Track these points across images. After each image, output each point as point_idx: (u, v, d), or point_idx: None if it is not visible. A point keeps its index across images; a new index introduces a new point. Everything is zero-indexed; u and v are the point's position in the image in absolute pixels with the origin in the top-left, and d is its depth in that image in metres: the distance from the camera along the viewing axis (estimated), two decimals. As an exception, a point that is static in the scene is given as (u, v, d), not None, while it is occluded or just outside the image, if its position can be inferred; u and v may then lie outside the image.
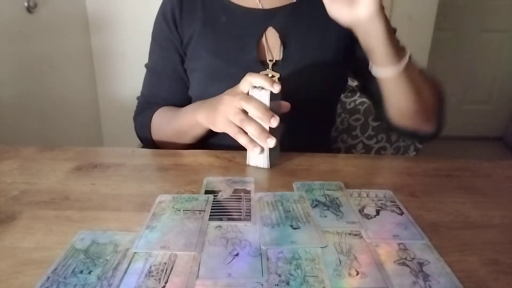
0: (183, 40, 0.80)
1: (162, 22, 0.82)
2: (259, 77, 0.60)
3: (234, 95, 0.62)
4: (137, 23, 1.86)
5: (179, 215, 0.50)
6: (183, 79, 0.83)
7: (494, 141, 2.91)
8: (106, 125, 2.09)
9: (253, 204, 0.53)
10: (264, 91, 0.60)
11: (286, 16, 0.78)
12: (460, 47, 2.75)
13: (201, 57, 0.78)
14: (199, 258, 0.42)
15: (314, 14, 0.78)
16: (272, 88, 0.59)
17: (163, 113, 0.81)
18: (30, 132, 1.55)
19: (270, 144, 0.60)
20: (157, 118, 0.81)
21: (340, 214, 0.51)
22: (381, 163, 0.71)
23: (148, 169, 0.65)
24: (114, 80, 2.01)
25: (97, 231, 0.47)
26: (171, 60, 0.82)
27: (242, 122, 0.60)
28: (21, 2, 1.47)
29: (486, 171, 0.66)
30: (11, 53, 1.44)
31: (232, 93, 0.63)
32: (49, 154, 0.69)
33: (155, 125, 0.81)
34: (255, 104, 0.59)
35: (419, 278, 0.40)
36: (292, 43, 0.76)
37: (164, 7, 0.82)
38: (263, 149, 0.63)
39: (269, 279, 0.39)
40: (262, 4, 0.78)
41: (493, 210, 0.54)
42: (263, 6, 0.78)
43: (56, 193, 0.56)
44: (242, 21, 0.78)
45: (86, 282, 0.39)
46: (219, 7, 0.79)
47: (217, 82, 0.66)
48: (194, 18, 0.79)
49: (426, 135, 0.75)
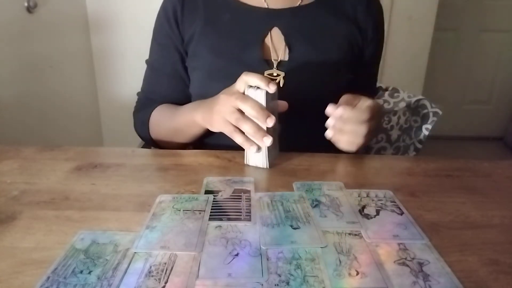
0: (184, 39, 0.80)
1: (163, 20, 0.82)
2: (255, 77, 0.60)
3: (230, 95, 0.62)
4: (137, 23, 1.86)
5: (179, 215, 0.50)
6: (182, 78, 0.83)
7: (494, 141, 2.91)
8: (106, 125, 2.09)
9: (253, 204, 0.53)
10: (260, 90, 0.60)
11: (292, 17, 0.78)
12: (460, 47, 2.75)
13: (202, 56, 0.78)
14: (199, 258, 0.42)
15: (320, 16, 0.78)
16: (267, 88, 0.59)
17: (162, 111, 0.81)
18: (30, 132, 1.55)
19: (266, 143, 0.60)
20: (155, 116, 0.81)
21: (340, 214, 0.51)
22: (381, 163, 0.71)
23: (148, 169, 0.65)
24: (114, 80, 2.00)
25: (97, 231, 0.47)
26: (170, 58, 0.82)
27: (238, 121, 0.60)
28: (21, 2, 1.47)
29: (486, 171, 0.66)
30: (11, 53, 1.44)
31: (228, 93, 0.63)
32: (49, 154, 0.69)
33: (154, 122, 0.81)
34: (250, 103, 0.59)
35: (419, 278, 0.40)
36: (297, 44, 0.76)
37: (165, 4, 0.82)
38: (259, 148, 0.62)
39: (269, 279, 0.39)
40: (267, 3, 0.78)
41: (493, 210, 0.54)
42: (268, 5, 0.78)
43: (56, 193, 0.56)
44: (246, 20, 0.78)
45: (86, 282, 0.39)
46: (222, 5, 0.79)
47: (218, 81, 0.66)
48: (196, 16, 0.79)
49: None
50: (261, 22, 0.77)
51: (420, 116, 1.18)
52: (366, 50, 0.82)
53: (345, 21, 0.79)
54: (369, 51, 0.82)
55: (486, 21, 2.70)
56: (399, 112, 1.19)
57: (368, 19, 0.80)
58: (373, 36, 0.81)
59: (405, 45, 2.10)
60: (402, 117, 1.20)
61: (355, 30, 0.79)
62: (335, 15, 0.79)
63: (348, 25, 0.79)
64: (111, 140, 2.09)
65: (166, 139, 0.81)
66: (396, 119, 1.19)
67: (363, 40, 0.80)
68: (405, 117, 1.20)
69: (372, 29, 0.80)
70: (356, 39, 0.79)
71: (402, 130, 1.20)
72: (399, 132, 1.20)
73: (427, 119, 1.16)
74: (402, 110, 1.19)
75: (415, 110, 1.18)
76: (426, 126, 1.17)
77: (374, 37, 0.81)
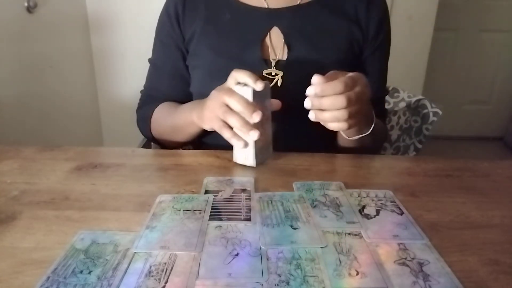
0: (185, 38, 0.81)
1: (165, 19, 0.83)
2: (243, 73, 0.60)
3: (220, 90, 0.62)
4: (137, 23, 1.86)
5: (179, 215, 0.50)
6: (183, 76, 0.83)
7: (494, 141, 2.91)
8: (106, 125, 2.09)
9: (253, 204, 0.53)
10: (247, 87, 0.60)
11: (292, 17, 0.78)
12: (460, 47, 2.75)
13: (203, 54, 0.78)
14: (199, 258, 0.42)
15: (320, 16, 0.78)
16: (254, 85, 0.59)
17: (163, 109, 0.82)
18: (30, 132, 1.55)
19: (253, 137, 0.60)
20: (156, 114, 0.83)
21: (340, 214, 0.51)
22: (381, 163, 0.71)
23: (148, 169, 0.65)
24: (114, 80, 2.01)
25: (97, 231, 0.47)
26: (172, 57, 0.83)
27: (225, 114, 0.60)
28: (21, 2, 1.47)
29: (486, 171, 0.66)
30: (11, 53, 1.44)
31: (219, 89, 0.64)
32: (49, 154, 0.69)
33: (154, 120, 0.83)
34: (236, 98, 0.59)
35: (419, 278, 0.40)
36: (297, 44, 0.76)
37: (168, 3, 0.84)
38: (247, 144, 0.62)
39: (269, 279, 0.39)
40: (267, 3, 0.78)
41: (493, 210, 0.54)
42: (268, 5, 0.78)
43: (56, 193, 0.56)
44: (246, 19, 0.78)
45: (86, 282, 0.39)
46: (223, 5, 0.80)
47: (218, 80, 0.66)
48: (197, 15, 0.80)
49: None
50: (261, 22, 0.78)
51: (420, 116, 1.18)
52: (368, 48, 0.81)
53: (345, 20, 0.78)
54: (372, 49, 0.81)
55: (486, 21, 2.70)
56: (399, 112, 1.19)
57: (369, 17, 0.79)
58: (376, 34, 0.80)
59: (405, 45, 2.09)
60: (402, 117, 1.20)
61: (355, 29, 0.78)
62: (335, 14, 0.79)
63: (349, 24, 0.78)
64: (111, 140, 2.10)
65: (165, 137, 0.81)
66: (396, 119, 1.19)
67: (364, 39, 0.79)
68: (405, 117, 1.20)
69: (374, 27, 0.79)
70: (357, 38, 0.79)
71: (402, 130, 1.20)
72: (399, 132, 1.20)
73: (427, 119, 1.16)
74: (402, 110, 1.19)
75: (415, 110, 1.18)
76: (426, 126, 1.17)
77: (377, 35, 0.80)
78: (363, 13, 0.79)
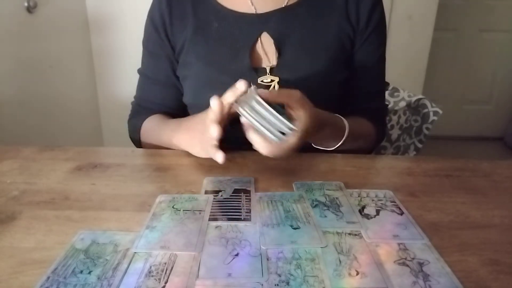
0: (175, 49, 0.79)
1: (151, 29, 0.80)
2: (223, 99, 0.58)
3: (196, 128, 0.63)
4: (137, 23, 1.84)
5: (179, 215, 0.50)
6: (175, 85, 0.81)
7: (494, 141, 2.91)
8: (106, 125, 2.09)
9: (253, 204, 0.53)
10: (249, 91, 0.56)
11: (281, 21, 0.76)
12: (460, 47, 2.75)
13: (193, 64, 0.76)
14: (199, 258, 0.42)
15: (310, 17, 0.77)
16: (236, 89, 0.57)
17: (151, 124, 0.80)
18: (30, 132, 1.55)
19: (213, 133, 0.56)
20: (145, 127, 0.81)
21: (340, 214, 0.51)
22: (381, 163, 0.71)
23: (148, 169, 0.65)
24: (114, 80, 2.01)
25: (97, 231, 0.47)
26: (162, 67, 0.81)
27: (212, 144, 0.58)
28: (21, 2, 1.47)
29: (486, 171, 0.66)
30: (11, 53, 1.44)
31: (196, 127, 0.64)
32: (49, 154, 0.69)
33: (143, 133, 0.81)
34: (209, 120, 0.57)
35: (419, 278, 0.40)
36: (287, 48, 0.75)
37: (152, 13, 0.80)
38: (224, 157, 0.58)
39: (269, 279, 0.39)
40: (255, 8, 0.76)
41: (493, 210, 0.54)
42: (256, 10, 0.76)
43: (56, 193, 0.56)
44: (234, 27, 0.76)
45: (86, 282, 0.39)
46: (210, 13, 0.77)
47: (209, 90, 0.64)
48: (185, 24, 0.77)
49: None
50: (250, 29, 0.76)
51: (420, 115, 1.18)
52: (359, 39, 0.78)
53: (335, 16, 0.76)
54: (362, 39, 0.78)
55: (486, 21, 2.70)
56: (399, 112, 1.19)
57: (359, 9, 0.76)
58: (367, 21, 0.77)
59: (405, 45, 2.09)
60: (402, 117, 1.20)
61: (345, 24, 0.76)
62: (324, 11, 0.77)
63: (338, 20, 0.76)
64: (111, 140, 2.10)
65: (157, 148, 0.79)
66: (396, 119, 1.20)
67: (355, 30, 0.77)
68: (405, 116, 1.20)
69: (365, 15, 0.77)
70: (347, 32, 0.77)
71: (403, 129, 1.20)
72: (399, 131, 1.20)
73: (427, 119, 1.16)
74: (402, 110, 1.19)
75: (415, 109, 1.18)
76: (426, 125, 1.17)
77: (368, 21, 0.77)
78: (353, 5, 0.76)
